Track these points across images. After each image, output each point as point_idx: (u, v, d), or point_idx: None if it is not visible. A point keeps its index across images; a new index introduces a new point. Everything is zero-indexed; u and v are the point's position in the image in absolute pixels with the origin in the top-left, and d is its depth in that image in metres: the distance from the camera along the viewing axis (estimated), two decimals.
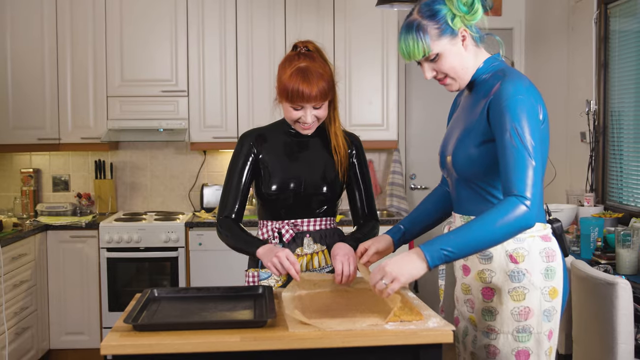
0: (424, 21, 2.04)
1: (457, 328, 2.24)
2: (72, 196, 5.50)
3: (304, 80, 2.36)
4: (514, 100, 1.96)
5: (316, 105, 2.42)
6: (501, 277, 2.07)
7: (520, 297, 2.05)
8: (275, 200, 2.52)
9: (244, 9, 5.18)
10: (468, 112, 2.14)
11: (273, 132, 2.59)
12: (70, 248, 4.92)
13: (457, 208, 2.21)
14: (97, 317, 4.95)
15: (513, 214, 1.88)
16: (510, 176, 1.92)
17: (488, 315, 2.09)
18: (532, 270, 2.05)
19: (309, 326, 1.91)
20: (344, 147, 2.55)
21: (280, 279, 2.51)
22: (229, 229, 2.50)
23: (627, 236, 3.32)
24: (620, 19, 4.25)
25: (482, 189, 2.10)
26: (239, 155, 2.56)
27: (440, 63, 2.08)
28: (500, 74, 2.07)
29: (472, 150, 2.07)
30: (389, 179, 5.49)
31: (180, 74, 5.19)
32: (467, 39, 2.08)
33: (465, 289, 2.18)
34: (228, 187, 2.55)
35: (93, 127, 5.17)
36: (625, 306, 2.71)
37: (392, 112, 5.29)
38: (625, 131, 4.21)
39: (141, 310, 2.07)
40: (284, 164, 2.53)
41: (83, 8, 5.12)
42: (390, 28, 5.24)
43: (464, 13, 2.04)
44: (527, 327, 2.06)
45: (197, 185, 5.59)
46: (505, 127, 1.94)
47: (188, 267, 4.94)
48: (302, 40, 2.52)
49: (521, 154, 1.91)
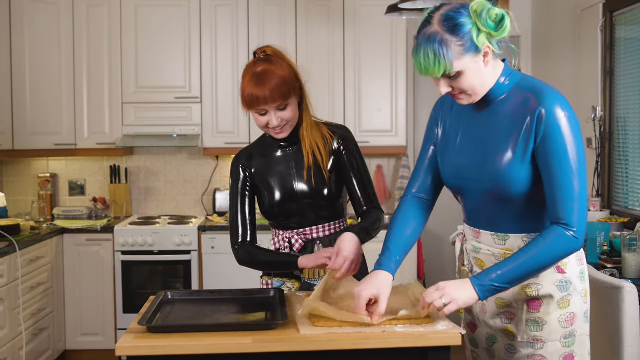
0: (446, 36, 1.85)
1: (477, 333, 2.22)
2: (88, 200, 5.59)
3: (257, 84, 2.34)
4: (565, 120, 1.90)
5: (279, 107, 2.38)
6: (550, 288, 2.04)
7: (566, 304, 2.05)
8: (278, 215, 2.54)
9: (256, 17, 5.25)
10: (495, 126, 2.02)
11: (261, 148, 2.59)
12: (86, 251, 5.00)
13: (485, 225, 2.12)
14: (112, 318, 5.03)
15: (563, 246, 1.89)
16: (557, 202, 1.90)
17: (534, 326, 2.06)
18: (573, 276, 2.06)
19: (320, 328, 1.95)
20: (322, 145, 2.50)
21: (293, 286, 2.55)
22: (250, 255, 2.50)
23: (632, 241, 3.34)
24: (625, 27, 4.30)
25: (520, 206, 2.02)
26: (234, 181, 2.56)
27: (459, 81, 1.92)
28: (529, 85, 1.98)
29: (513, 167, 1.97)
30: (398, 184, 5.55)
31: (193, 81, 5.28)
32: (489, 55, 1.93)
33: (501, 304, 2.12)
34: (233, 215, 2.54)
35: (108, 132, 5.26)
36: (632, 310, 2.73)
37: (401, 118, 5.35)
38: (630, 137, 4.25)
39: (155, 312, 2.10)
40: (276, 179, 2.52)
41: (99, 16, 5.22)
42: (399, 36, 5.31)
43: (491, 30, 1.88)
44: (573, 332, 2.07)
45: (209, 189, 5.68)
46: (560, 151, 1.89)
47: (201, 270, 5.02)
48: (261, 47, 2.49)
49: (570, 180, 1.88)
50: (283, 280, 2.57)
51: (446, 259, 5.67)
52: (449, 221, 4.53)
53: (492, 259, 2.11)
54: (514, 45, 2.01)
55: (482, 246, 2.15)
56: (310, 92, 2.55)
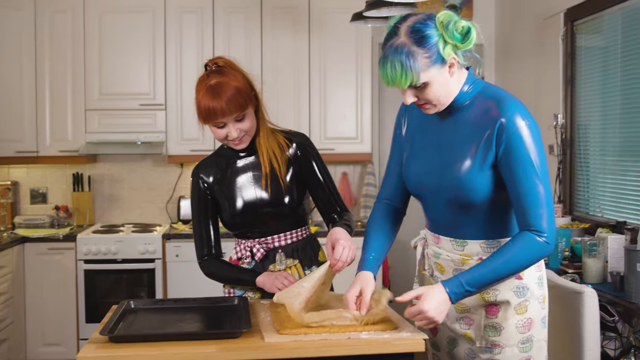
0: (413, 47, 1.87)
1: (439, 336, 2.25)
2: (50, 208, 5.51)
3: (213, 97, 2.32)
4: (524, 128, 1.91)
5: (237, 118, 2.36)
6: (507, 294, 2.06)
7: (523, 310, 2.07)
8: (240, 225, 2.52)
9: (222, 24, 5.24)
10: (456, 133, 2.04)
11: (219, 159, 2.56)
12: (47, 260, 4.93)
13: (445, 230, 2.14)
14: (74, 328, 4.96)
15: (534, 252, 1.92)
16: (526, 210, 1.91)
17: (492, 332, 2.08)
18: (530, 282, 2.08)
19: (285, 336, 1.95)
20: (278, 153, 2.48)
21: (255, 296, 2.54)
22: (214, 270, 2.51)
23: (593, 246, 3.40)
24: (586, 36, 4.38)
25: (478, 213, 2.04)
26: (193, 195, 2.55)
27: (425, 92, 1.94)
28: (491, 94, 2.00)
29: (473, 174, 1.99)
30: (363, 190, 5.58)
31: (158, 88, 5.24)
32: (454, 66, 1.95)
33: (461, 309, 2.14)
34: (196, 229, 2.54)
35: (71, 140, 5.20)
36: (592, 314, 2.77)
37: (366, 125, 5.38)
38: (591, 144, 4.33)
39: (118, 322, 2.08)
40: (236, 190, 2.50)
41: (63, 22, 5.16)
42: (364, 43, 5.33)
43: (457, 42, 1.90)
44: (530, 337, 2.09)
45: (174, 197, 5.63)
46: (519, 159, 1.91)
47: (165, 279, 4.98)
48: (212, 59, 2.47)
49: (536, 187, 1.90)
50: (245, 289, 2.56)
51: (412, 264, 5.68)
52: (414, 227, 4.55)
53: (450, 264, 2.14)
54: (478, 55, 2.04)
55: (441, 251, 2.17)
56: (276, 99, 2.56)
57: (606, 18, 4.11)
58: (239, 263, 2.57)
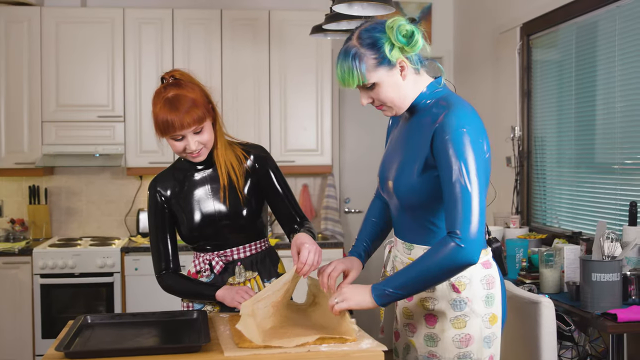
0: (361, 49, 1.97)
1: (398, 343, 2.26)
2: (5, 222, 5.40)
3: (171, 110, 2.31)
4: (458, 133, 1.92)
5: (195, 131, 2.35)
6: (444, 305, 2.08)
7: (462, 324, 2.07)
8: (198, 238, 2.51)
9: (181, 36, 5.22)
10: (410, 137, 2.10)
11: (176, 172, 2.55)
12: (2, 275, 4.83)
13: (399, 233, 2.19)
14: (30, 344, 4.86)
15: (451, 256, 1.88)
16: (451, 213, 1.91)
17: (430, 341, 2.11)
18: (473, 298, 2.07)
19: (244, 350, 1.94)
20: (236, 165, 2.47)
21: (214, 309, 2.53)
22: (173, 284, 2.49)
23: (550, 256, 3.45)
24: (541, 50, 4.46)
25: (423, 218, 2.08)
26: (150, 208, 2.52)
27: (376, 92, 2.02)
28: (444, 102, 2.02)
29: (415, 178, 2.03)
30: (324, 202, 5.59)
31: (116, 99, 5.19)
32: (405, 69, 2.01)
33: (407, 314, 2.18)
34: (153, 243, 2.52)
35: (27, 152, 5.12)
36: (549, 324, 2.81)
37: (327, 137, 5.39)
38: (548, 156, 4.41)
39: (74, 337, 2.05)
40: (194, 203, 2.49)
41: (18, 32, 5.08)
42: (324, 56, 5.36)
43: (402, 44, 1.97)
44: (468, 353, 2.07)
45: (133, 210, 5.57)
46: (449, 162, 1.92)
47: (124, 293, 4.92)
48: (168, 71, 2.46)
49: (463, 191, 1.89)
50: (204, 302, 2.54)
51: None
52: None
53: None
54: (440, 64, 2.12)
55: (397, 253, 2.22)
56: (236, 111, 2.56)
57: (561, 33, 4.20)
58: (197, 276, 2.55)
